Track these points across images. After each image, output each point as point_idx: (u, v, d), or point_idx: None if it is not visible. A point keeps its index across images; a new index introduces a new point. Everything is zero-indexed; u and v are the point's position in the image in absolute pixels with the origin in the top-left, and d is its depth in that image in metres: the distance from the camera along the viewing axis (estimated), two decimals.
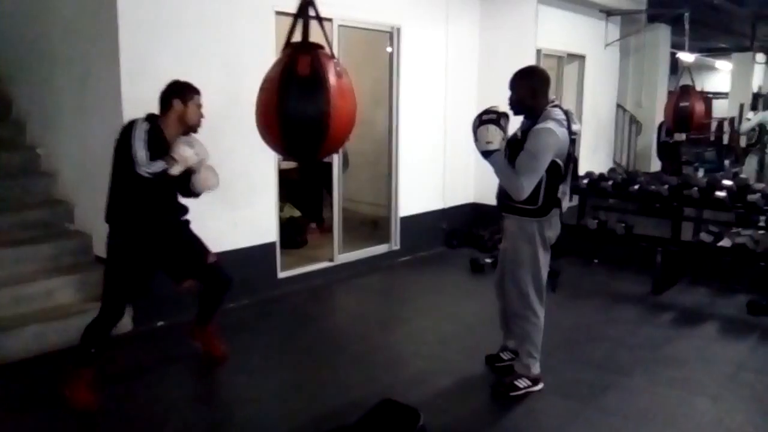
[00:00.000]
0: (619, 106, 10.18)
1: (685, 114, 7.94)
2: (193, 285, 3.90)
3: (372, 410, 2.78)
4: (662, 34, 10.85)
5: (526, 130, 3.51)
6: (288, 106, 2.83)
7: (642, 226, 6.41)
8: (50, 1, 5.05)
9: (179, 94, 3.55)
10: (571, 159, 3.56)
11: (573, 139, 3.57)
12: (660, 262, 5.59)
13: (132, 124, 3.43)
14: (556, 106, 3.52)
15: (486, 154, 3.42)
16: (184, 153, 3.44)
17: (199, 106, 3.62)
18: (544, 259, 3.63)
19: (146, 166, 3.34)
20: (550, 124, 3.39)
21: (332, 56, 3.01)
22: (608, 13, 8.79)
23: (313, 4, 3.05)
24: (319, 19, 3.08)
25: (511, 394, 3.64)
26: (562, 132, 3.41)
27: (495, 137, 3.37)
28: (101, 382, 3.54)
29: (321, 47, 2.98)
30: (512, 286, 3.68)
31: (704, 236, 5.60)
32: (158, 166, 3.37)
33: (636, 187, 6.12)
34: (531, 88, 3.50)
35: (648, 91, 11.11)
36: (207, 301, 4.00)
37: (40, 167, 5.33)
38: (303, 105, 2.82)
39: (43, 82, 5.23)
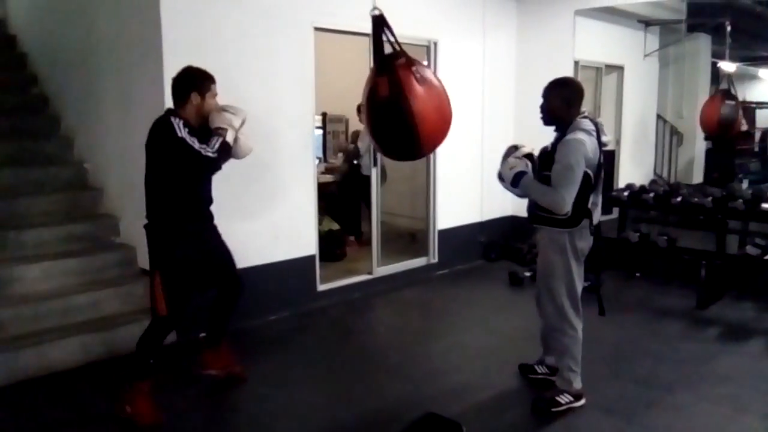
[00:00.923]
0: (659, 116, 10.02)
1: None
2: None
3: (415, 423, 2.78)
4: (702, 43, 10.65)
5: (556, 142, 3.53)
6: (377, 130, 3.37)
7: (685, 239, 6.28)
8: (96, 23, 5.21)
9: (196, 87, 3.47)
10: (602, 169, 3.54)
11: (603, 151, 3.55)
12: (704, 276, 5.47)
13: (166, 124, 3.38)
14: (585, 117, 3.52)
15: (515, 182, 3.51)
16: (227, 119, 3.45)
17: (215, 95, 3.54)
18: (578, 271, 3.60)
19: (208, 148, 3.34)
20: (580, 135, 3.40)
21: (411, 63, 3.25)
22: (647, 23, 8.67)
23: (385, 23, 3.33)
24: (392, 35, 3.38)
25: (553, 410, 3.58)
26: (591, 142, 3.41)
27: (517, 163, 3.51)
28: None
29: (400, 56, 3.29)
30: (547, 299, 3.67)
31: (750, 249, 5.46)
32: (216, 141, 3.37)
33: (678, 199, 6.01)
34: (563, 99, 3.52)
35: (689, 102, 10.88)
36: (221, 312, 3.88)
37: (87, 182, 5.49)
38: (389, 126, 3.25)
39: (89, 100, 5.40)
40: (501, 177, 3.63)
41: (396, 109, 3.13)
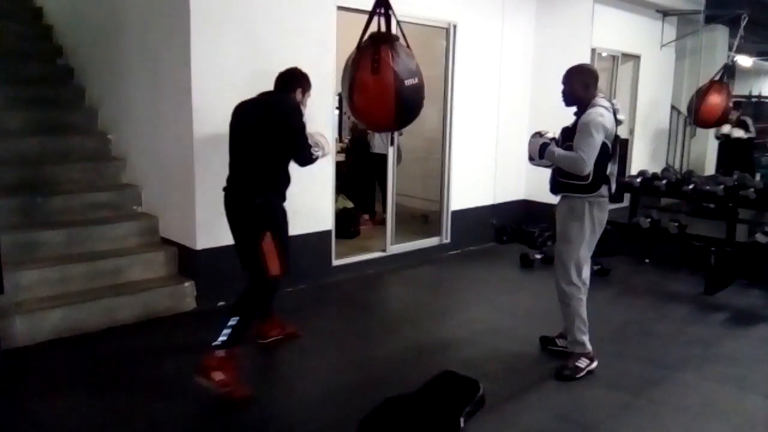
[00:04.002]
0: (673, 107, 10.04)
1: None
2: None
3: (433, 380, 2.88)
4: (720, 35, 10.63)
5: (576, 120, 3.84)
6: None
7: (695, 227, 6.35)
8: None
9: (303, 84, 3.83)
10: (618, 142, 3.88)
11: (618, 127, 3.89)
12: (714, 263, 5.56)
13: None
14: (603, 97, 3.87)
15: (541, 152, 3.83)
16: (327, 147, 3.94)
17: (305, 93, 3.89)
18: (591, 239, 3.89)
19: (317, 151, 3.77)
20: (598, 109, 3.75)
21: (377, 49, 3.68)
22: (665, 13, 8.69)
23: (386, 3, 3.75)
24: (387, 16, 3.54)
25: (577, 376, 3.81)
26: (609, 116, 3.77)
27: (542, 139, 3.88)
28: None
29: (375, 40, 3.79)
30: (559, 264, 3.97)
31: (760, 237, 5.54)
32: (318, 153, 3.80)
33: (690, 186, 6.08)
34: (582, 82, 3.85)
35: None
36: None
37: (111, 152, 5.61)
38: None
39: (115, 73, 5.50)
40: (530, 156, 3.96)
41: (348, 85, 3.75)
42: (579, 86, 3.84)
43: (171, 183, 4.97)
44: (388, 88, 3.71)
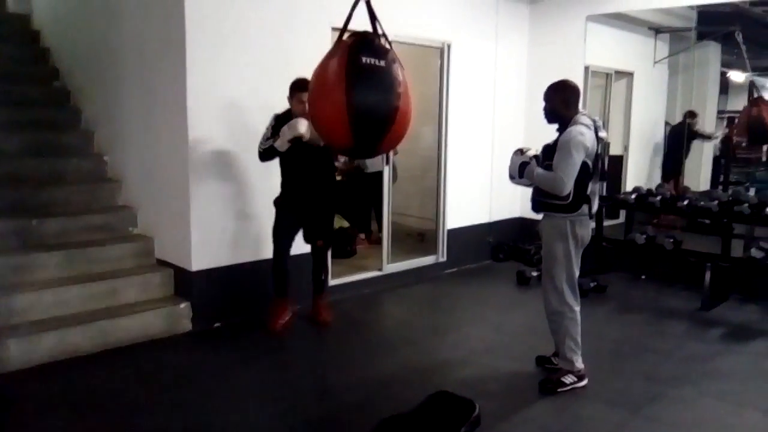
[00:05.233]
0: (667, 124, 10.10)
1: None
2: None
3: (428, 400, 2.87)
4: (712, 51, 10.71)
5: (557, 137, 3.82)
6: None
7: (690, 243, 6.36)
8: (119, 19, 5.35)
9: (289, 91, 4.48)
10: (599, 161, 3.86)
11: (601, 145, 3.88)
12: (709, 279, 5.56)
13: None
14: (584, 115, 3.84)
15: (521, 171, 3.85)
16: (288, 132, 4.34)
17: (301, 101, 4.25)
18: (576, 257, 3.88)
19: (261, 142, 4.51)
20: (579, 127, 3.72)
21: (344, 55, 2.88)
22: (657, 30, 8.76)
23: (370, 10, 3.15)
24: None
25: (559, 390, 3.81)
26: (590, 134, 3.74)
27: (522, 158, 3.90)
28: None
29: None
30: (548, 284, 3.94)
31: (755, 252, 5.55)
32: (270, 143, 4.42)
33: (685, 202, 6.11)
34: (562, 99, 3.84)
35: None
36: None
37: (107, 174, 5.62)
38: None
39: (111, 94, 5.53)
40: (510, 175, 3.98)
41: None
42: (560, 103, 3.83)
43: (167, 204, 4.98)
44: (338, 67, 2.83)
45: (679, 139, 8.51)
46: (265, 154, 4.48)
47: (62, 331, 4.21)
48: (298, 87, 4.37)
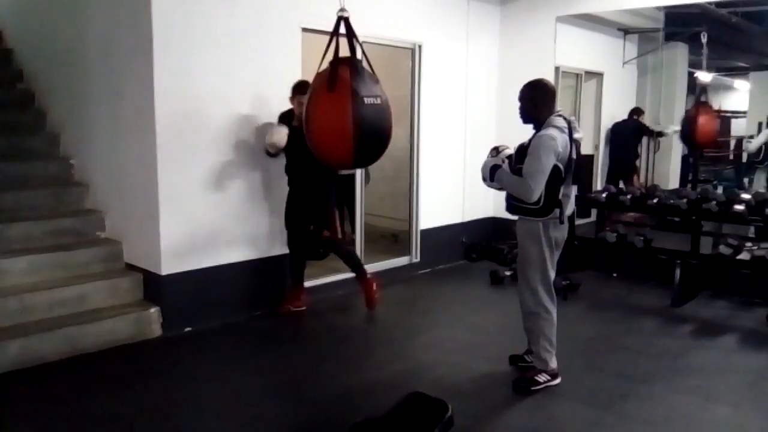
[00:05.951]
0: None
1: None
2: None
3: (400, 402, 2.85)
4: (680, 52, 10.88)
5: (531, 138, 3.78)
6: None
7: (660, 241, 6.44)
8: (85, 19, 5.25)
9: (291, 92, 4.78)
10: (572, 164, 3.77)
11: (576, 147, 3.81)
12: (679, 276, 5.63)
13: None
14: (560, 116, 3.78)
15: (492, 174, 3.84)
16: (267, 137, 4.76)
17: (300, 103, 4.27)
18: (551, 259, 3.87)
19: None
20: (551, 131, 3.68)
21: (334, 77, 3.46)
22: (626, 31, 8.86)
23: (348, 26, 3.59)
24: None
25: (532, 388, 3.81)
26: (562, 137, 3.69)
27: (494, 160, 3.89)
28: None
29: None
30: (524, 285, 3.94)
31: (723, 249, 5.62)
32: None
33: (655, 200, 6.17)
34: (535, 99, 3.80)
35: (666, 109, 11.12)
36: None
37: (73, 178, 5.52)
38: None
39: (77, 96, 5.43)
40: (483, 176, 3.96)
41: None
42: (533, 103, 3.79)
43: (135, 207, 4.90)
44: (344, 105, 3.41)
45: (624, 136, 8.47)
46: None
47: (27, 339, 4.11)
48: (299, 89, 4.65)
